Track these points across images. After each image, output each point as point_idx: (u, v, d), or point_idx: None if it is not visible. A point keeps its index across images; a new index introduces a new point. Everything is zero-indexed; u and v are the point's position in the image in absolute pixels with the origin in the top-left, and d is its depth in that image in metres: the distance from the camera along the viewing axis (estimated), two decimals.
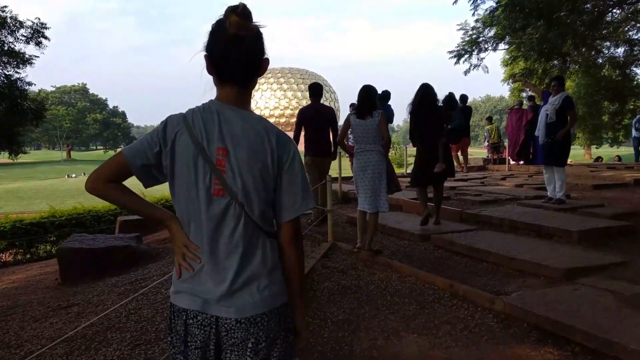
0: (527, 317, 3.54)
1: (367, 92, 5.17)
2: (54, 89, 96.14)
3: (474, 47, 14.53)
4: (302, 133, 6.95)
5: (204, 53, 1.58)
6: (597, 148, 47.03)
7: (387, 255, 5.40)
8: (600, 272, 4.36)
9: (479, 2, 12.40)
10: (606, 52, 19.28)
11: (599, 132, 31.20)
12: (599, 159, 23.50)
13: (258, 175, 1.51)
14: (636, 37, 18.64)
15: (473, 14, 12.88)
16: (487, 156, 15.67)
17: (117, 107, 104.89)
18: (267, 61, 1.63)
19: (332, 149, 7.02)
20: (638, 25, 18.13)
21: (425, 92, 6.13)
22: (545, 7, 9.40)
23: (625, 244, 5.25)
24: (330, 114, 6.92)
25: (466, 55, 14.47)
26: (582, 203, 7.07)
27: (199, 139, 1.51)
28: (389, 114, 9.41)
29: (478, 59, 14.46)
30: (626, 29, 18.14)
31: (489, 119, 15.70)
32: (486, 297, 3.88)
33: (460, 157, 12.87)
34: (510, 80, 15.74)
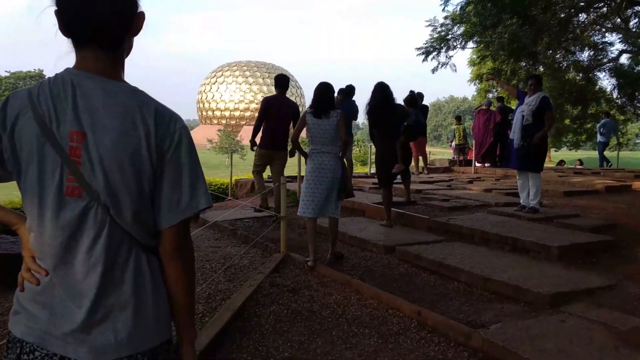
0: (509, 358, 2.94)
1: (324, 90, 4.82)
2: (8, 74, 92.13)
3: (442, 45, 14.02)
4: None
5: (54, 8, 1.18)
6: (556, 151, 47.71)
7: (347, 270, 4.77)
8: (587, 297, 3.83)
9: None
10: (571, 55, 19.21)
11: (562, 135, 31.44)
12: (561, 162, 23.54)
13: (128, 167, 1.15)
14: (600, 41, 18.63)
15: (443, 9, 12.36)
16: (453, 157, 15.25)
17: None
18: (141, 16, 1.25)
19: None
20: (603, 30, 18.10)
21: (381, 91, 5.99)
22: (518, 3, 8.92)
23: (609, 261, 4.75)
24: (294, 108, 6.68)
25: (434, 53, 13.96)
26: (556, 212, 6.60)
27: (46, 120, 1.14)
28: (353, 110, 8.81)
29: (446, 57, 13.96)
30: (591, 33, 18.09)
31: (458, 119, 15.24)
32: (461, 330, 3.27)
33: (420, 160, 12.26)
34: (483, 78, 15.32)
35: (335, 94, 8.63)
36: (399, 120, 6.20)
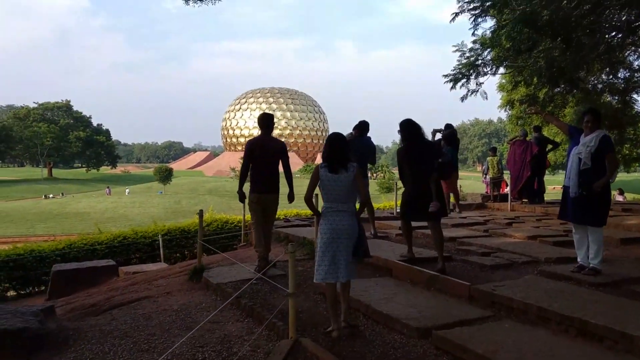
0: None
1: (339, 142, 4.38)
2: (36, 105, 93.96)
3: (471, 71, 13.07)
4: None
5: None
6: None
7: None
8: None
9: (479, 20, 10.90)
10: (605, 77, 18.17)
11: None
12: None
13: None
14: (637, 62, 17.51)
15: (473, 33, 11.45)
16: (486, 192, 14.15)
17: (101, 124, 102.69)
18: None
19: (289, 189, 6.55)
20: (639, 50, 16.99)
21: (411, 130, 5.91)
22: (560, 24, 7.96)
23: None
24: (279, 146, 6.46)
25: (463, 80, 13.00)
26: (621, 273, 5.51)
27: None
28: (370, 147, 7.95)
29: (476, 84, 12.98)
30: (626, 54, 17.01)
31: (493, 150, 14.14)
32: None
33: (451, 197, 11.22)
34: (526, 111, 14.23)
35: (351, 130, 7.99)
36: (433, 156, 6.01)
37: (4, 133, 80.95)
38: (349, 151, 4.41)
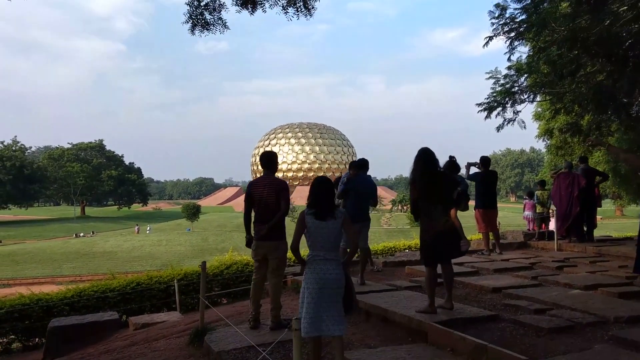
0: None
1: (325, 187, 4.20)
2: (70, 145, 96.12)
3: (507, 99, 12.12)
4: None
5: None
6: (637, 205, 44.02)
7: None
8: None
9: (516, 43, 10.00)
10: None
11: None
12: None
13: None
14: None
15: (508, 58, 10.54)
16: (528, 229, 12.94)
17: (133, 163, 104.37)
18: None
19: (271, 221, 5.67)
20: None
21: (428, 158, 5.39)
22: (612, 43, 6.98)
23: None
24: (279, 186, 5.74)
25: (499, 108, 12.04)
26: None
27: None
28: (370, 187, 7.57)
29: (514, 112, 12.00)
30: None
31: (542, 184, 12.90)
32: None
33: (491, 235, 10.12)
34: (586, 143, 12.98)
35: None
36: (451, 188, 5.53)
37: (39, 173, 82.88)
38: (334, 197, 4.25)
